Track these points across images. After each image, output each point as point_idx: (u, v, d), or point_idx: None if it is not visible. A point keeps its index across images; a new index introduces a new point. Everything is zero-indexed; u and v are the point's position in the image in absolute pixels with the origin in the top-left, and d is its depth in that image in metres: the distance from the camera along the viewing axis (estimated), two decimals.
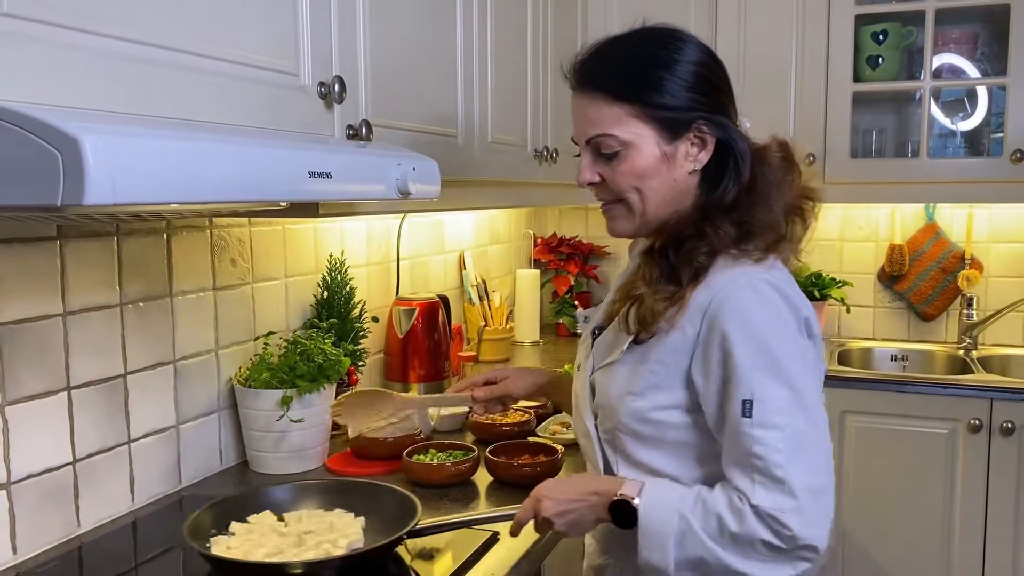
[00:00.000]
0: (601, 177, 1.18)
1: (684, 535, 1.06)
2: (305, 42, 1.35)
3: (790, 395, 1.05)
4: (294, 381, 1.67)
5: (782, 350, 1.07)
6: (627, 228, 1.21)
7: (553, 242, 3.35)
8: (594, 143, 1.17)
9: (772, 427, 1.04)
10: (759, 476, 1.04)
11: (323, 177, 1.06)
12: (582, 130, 1.18)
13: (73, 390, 1.41)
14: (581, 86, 1.18)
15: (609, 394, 1.19)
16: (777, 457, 1.03)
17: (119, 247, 1.49)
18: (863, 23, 2.79)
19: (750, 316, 1.08)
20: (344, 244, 2.13)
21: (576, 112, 1.19)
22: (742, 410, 1.05)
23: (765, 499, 1.03)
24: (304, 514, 1.40)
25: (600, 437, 1.23)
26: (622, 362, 1.18)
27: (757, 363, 1.06)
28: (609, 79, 1.15)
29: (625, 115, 1.14)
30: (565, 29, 2.57)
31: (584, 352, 1.31)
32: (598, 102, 1.15)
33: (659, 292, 1.13)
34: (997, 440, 2.47)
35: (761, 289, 1.09)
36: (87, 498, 1.44)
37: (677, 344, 1.12)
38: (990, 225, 3.01)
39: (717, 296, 1.09)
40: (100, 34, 0.97)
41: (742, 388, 1.05)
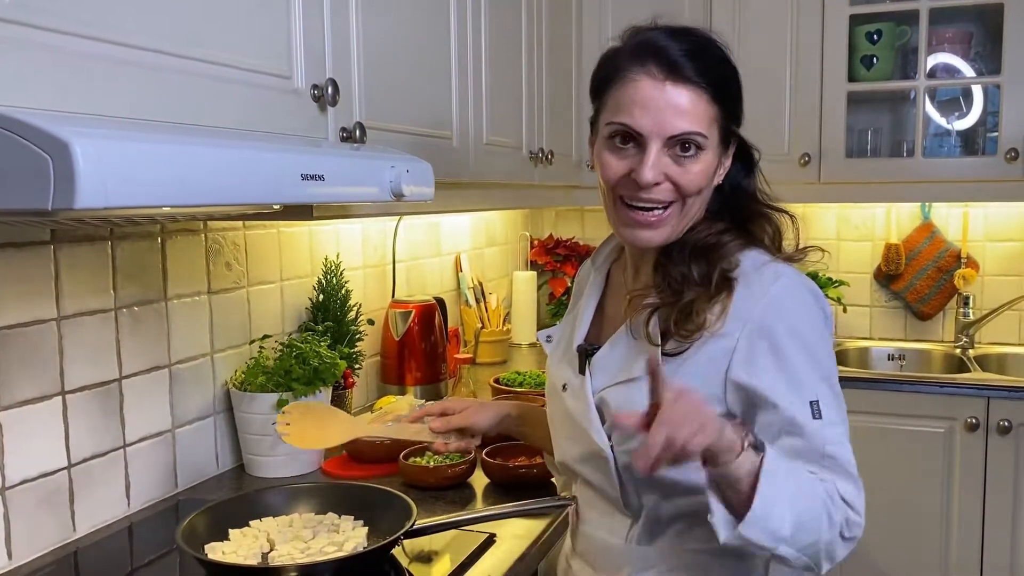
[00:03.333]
0: (665, 177, 1.08)
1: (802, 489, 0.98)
2: (298, 45, 1.35)
3: (833, 395, 1.06)
4: (290, 384, 1.67)
5: (823, 352, 1.08)
6: (666, 234, 1.12)
7: (549, 244, 3.35)
8: (681, 140, 1.07)
9: (837, 423, 1.05)
10: (831, 474, 1.02)
11: (316, 180, 1.06)
12: (668, 123, 1.06)
13: (68, 395, 1.41)
14: (684, 79, 1.06)
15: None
16: (848, 455, 1.04)
17: (113, 251, 1.49)
18: (857, 23, 2.79)
19: (798, 321, 1.06)
20: (339, 247, 2.12)
21: (660, 100, 1.06)
22: (812, 412, 1.03)
23: (845, 490, 1.02)
24: (300, 517, 1.40)
25: (618, 460, 1.13)
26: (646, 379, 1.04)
27: (811, 369, 1.05)
28: (713, 76, 1.08)
29: (715, 119, 1.09)
30: (560, 30, 2.57)
31: (569, 370, 1.21)
32: (700, 98, 1.07)
33: (697, 299, 1.07)
34: (994, 439, 2.48)
35: (801, 293, 1.09)
36: (82, 503, 1.44)
37: (714, 353, 1.06)
38: (986, 224, 3.02)
39: (761, 303, 1.06)
40: (91, 38, 0.96)
41: (806, 391, 1.04)
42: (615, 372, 1.14)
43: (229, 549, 1.28)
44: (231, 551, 1.28)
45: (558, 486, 1.55)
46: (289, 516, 1.40)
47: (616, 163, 1.10)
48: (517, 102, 2.27)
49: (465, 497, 1.61)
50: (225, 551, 1.27)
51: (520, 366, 2.70)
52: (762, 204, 1.18)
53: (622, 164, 1.09)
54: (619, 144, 1.09)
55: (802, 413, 1.03)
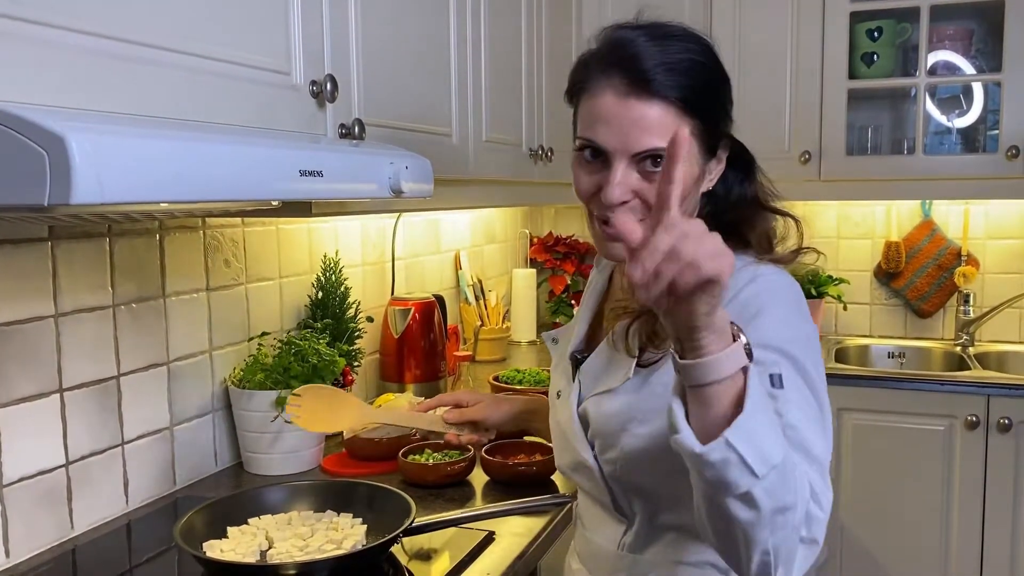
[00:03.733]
0: (634, 195, 1.01)
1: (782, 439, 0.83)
2: (297, 40, 1.34)
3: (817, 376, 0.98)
4: (288, 382, 1.66)
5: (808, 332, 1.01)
6: None
7: (549, 241, 3.34)
8: (645, 156, 0.99)
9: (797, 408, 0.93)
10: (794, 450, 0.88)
11: (314, 176, 1.05)
12: (633, 139, 0.98)
13: (66, 392, 1.41)
14: (650, 91, 0.98)
15: (610, 423, 1.08)
16: (813, 437, 0.92)
17: (111, 248, 1.48)
18: (858, 20, 2.79)
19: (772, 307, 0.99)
20: (339, 244, 2.12)
21: (625, 117, 0.99)
22: (772, 381, 0.92)
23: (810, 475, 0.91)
24: (299, 515, 1.40)
25: (603, 469, 1.11)
26: (624, 388, 1.06)
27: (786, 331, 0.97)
28: (682, 88, 0.98)
29: (689, 131, 1.00)
30: (560, 26, 2.57)
31: (562, 377, 1.20)
32: (665, 111, 0.98)
33: None
34: (994, 436, 2.47)
35: (776, 289, 1.02)
36: (80, 500, 1.44)
37: None
38: (986, 221, 3.02)
39: (732, 304, 0.98)
40: (87, 32, 0.96)
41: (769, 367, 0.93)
42: (595, 382, 1.12)
43: (227, 547, 1.28)
44: (229, 549, 1.27)
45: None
46: (288, 514, 1.40)
47: (586, 179, 1.04)
48: (517, 99, 2.26)
49: (464, 495, 1.60)
50: (223, 549, 1.27)
51: (519, 364, 2.69)
52: (762, 207, 1.11)
53: (591, 180, 1.04)
54: (588, 158, 1.04)
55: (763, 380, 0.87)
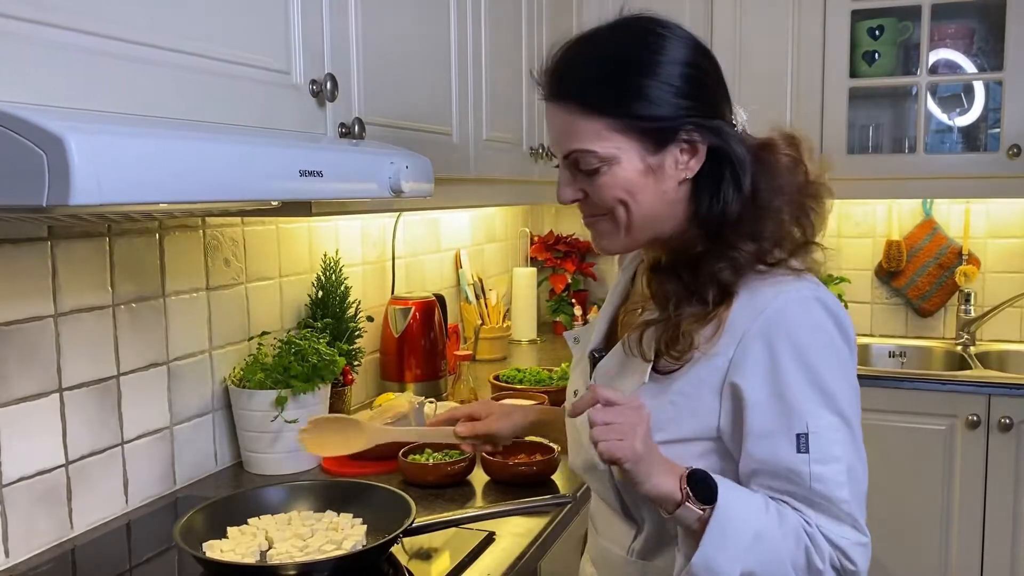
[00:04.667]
0: (585, 193, 1.05)
1: (761, 539, 0.94)
2: (296, 39, 1.34)
3: (841, 423, 0.97)
4: (288, 381, 1.66)
5: (834, 378, 0.98)
6: (615, 245, 1.08)
7: (550, 240, 3.34)
8: (572, 158, 1.03)
9: (832, 460, 0.96)
10: (821, 512, 0.96)
11: (314, 176, 1.05)
12: (558, 143, 1.05)
13: (65, 392, 1.40)
14: (553, 96, 1.04)
15: None
16: (841, 493, 0.96)
17: (111, 247, 1.48)
18: (859, 18, 2.78)
19: (802, 343, 0.97)
20: (339, 243, 2.12)
21: (549, 123, 1.06)
22: (797, 446, 0.95)
23: (832, 531, 0.96)
24: (299, 515, 1.39)
25: (613, 474, 1.08)
26: (638, 393, 1.04)
27: (808, 392, 0.96)
28: (584, 89, 1.01)
29: (604, 129, 1.00)
30: (560, 24, 2.56)
31: (580, 377, 1.18)
32: (573, 115, 1.01)
33: (690, 315, 1.00)
34: (995, 436, 2.47)
35: (812, 309, 0.99)
36: (80, 500, 1.44)
37: (703, 374, 1.01)
38: (987, 220, 3.01)
39: (761, 318, 0.97)
40: (86, 32, 0.96)
41: (795, 421, 0.96)
42: (610, 384, 1.09)
43: (227, 547, 1.28)
44: (229, 549, 1.27)
45: None
46: (287, 514, 1.40)
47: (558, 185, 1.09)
48: (517, 98, 2.26)
49: (465, 495, 1.60)
50: (223, 549, 1.27)
51: (520, 363, 2.69)
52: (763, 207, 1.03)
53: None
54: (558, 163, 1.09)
55: (787, 447, 0.96)
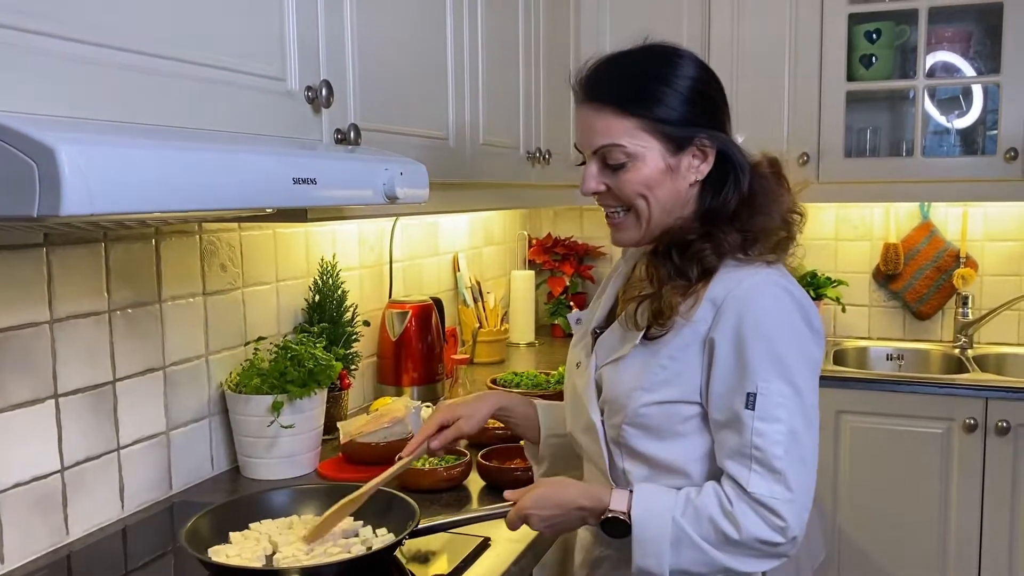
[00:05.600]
0: (607, 187, 1.21)
1: (680, 541, 1.11)
2: (292, 46, 1.34)
3: (792, 393, 1.11)
4: (285, 387, 1.66)
5: (790, 353, 1.12)
6: (633, 236, 1.23)
7: (548, 243, 3.34)
8: (601, 153, 1.19)
9: (774, 420, 1.10)
10: (757, 466, 1.09)
11: (308, 183, 1.05)
12: (589, 140, 1.21)
13: (61, 398, 1.40)
14: (589, 98, 1.20)
15: (618, 389, 1.21)
16: (776, 449, 1.09)
17: (107, 253, 1.48)
18: (856, 22, 2.78)
19: (763, 316, 1.12)
20: (336, 247, 2.12)
21: (583, 123, 1.22)
22: (746, 402, 1.10)
23: (762, 488, 1.09)
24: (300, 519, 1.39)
25: (606, 432, 1.24)
26: (632, 356, 1.20)
27: (764, 361, 1.10)
28: (617, 92, 1.18)
29: (633, 127, 1.17)
30: (557, 29, 2.57)
31: (583, 351, 1.33)
32: (606, 114, 1.18)
33: (673, 287, 1.17)
34: (992, 440, 2.47)
35: (775, 293, 1.14)
36: (76, 506, 1.44)
37: (688, 339, 1.16)
38: (985, 223, 3.01)
39: (732, 293, 1.13)
40: (78, 40, 0.95)
41: (748, 382, 1.11)
42: (609, 352, 1.26)
43: (232, 552, 1.27)
44: (235, 554, 1.27)
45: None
46: (289, 518, 1.40)
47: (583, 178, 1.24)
48: (514, 102, 2.26)
49: (461, 500, 1.60)
50: (229, 554, 1.26)
51: (518, 366, 2.69)
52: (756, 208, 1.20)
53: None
54: (582, 161, 1.25)
55: (738, 402, 1.11)
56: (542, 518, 1.20)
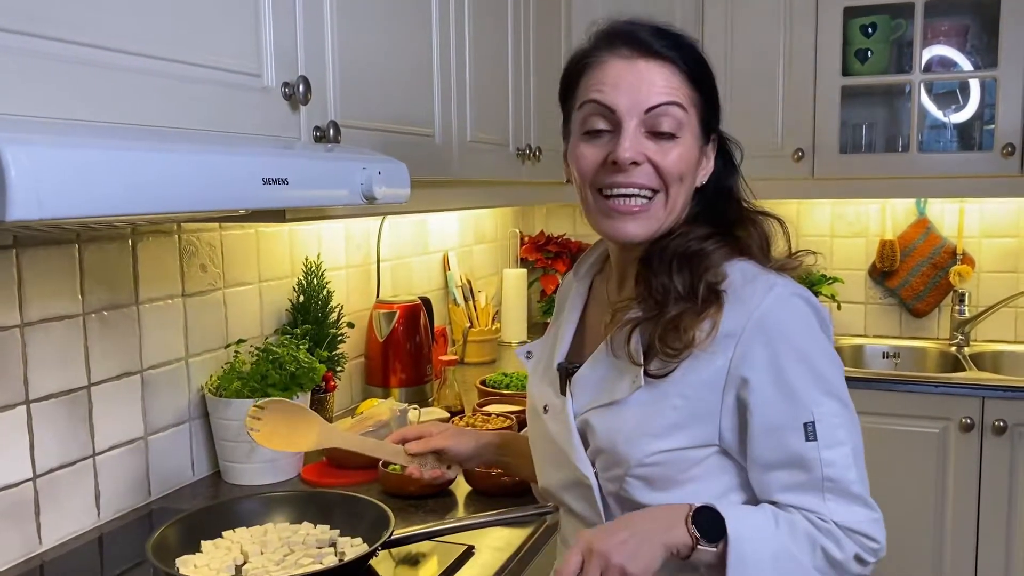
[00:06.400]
0: (646, 159, 1.02)
1: (779, 558, 0.95)
2: (268, 41, 1.30)
3: (841, 407, 1.00)
4: (266, 390, 1.63)
5: (825, 365, 1.01)
6: (652, 228, 1.05)
7: (540, 240, 3.30)
8: (654, 114, 1.01)
9: (838, 444, 0.98)
10: (832, 495, 0.98)
11: (279, 184, 1.01)
12: (643, 96, 1.01)
13: (33, 403, 1.37)
14: (655, 54, 1.02)
15: (616, 437, 1.02)
16: (850, 475, 0.98)
17: (81, 255, 1.44)
18: (852, 16, 2.75)
19: (794, 337, 1.00)
20: (321, 246, 2.08)
21: (634, 77, 1.01)
22: (805, 435, 0.97)
23: (845, 515, 0.98)
24: (275, 527, 1.36)
25: (601, 486, 1.06)
26: (632, 400, 1.02)
27: (810, 384, 0.99)
28: (684, 56, 1.03)
29: (692, 100, 1.03)
30: (548, 21, 2.52)
31: (549, 391, 1.14)
32: (671, 72, 1.02)
33: (684, 310, 1.00)
34: (989, 439, 2.44)
35: (796, 305, 1.02)
36: (49, 514, 1.40)
37: (704, 375, 1.00)
38: (982, 220, 2.98)
39: (753, 318, 0.99)
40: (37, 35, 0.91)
41: (801, 412, 0.98)
42: (596, 393, 1.07)
43: (201, 562, 1.25)
44: (204, 564, 1.24)
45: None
46: (263, 526, 1.37)
47: (591, 152, 1.04)
48: (503, 97, 2.22)
49: (446, 506, 1.56)
50: (197, 564, 1.24)
51: (508, 366, 2.65)
52: (746, 209, 1.11)
53: (598, 152, 1.04)
54: (593, 133, 1.04)
55: (796, 437, 0.98)
56: (609, 544, 0.93)
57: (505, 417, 1.90)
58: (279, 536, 1.32)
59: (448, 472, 1.32)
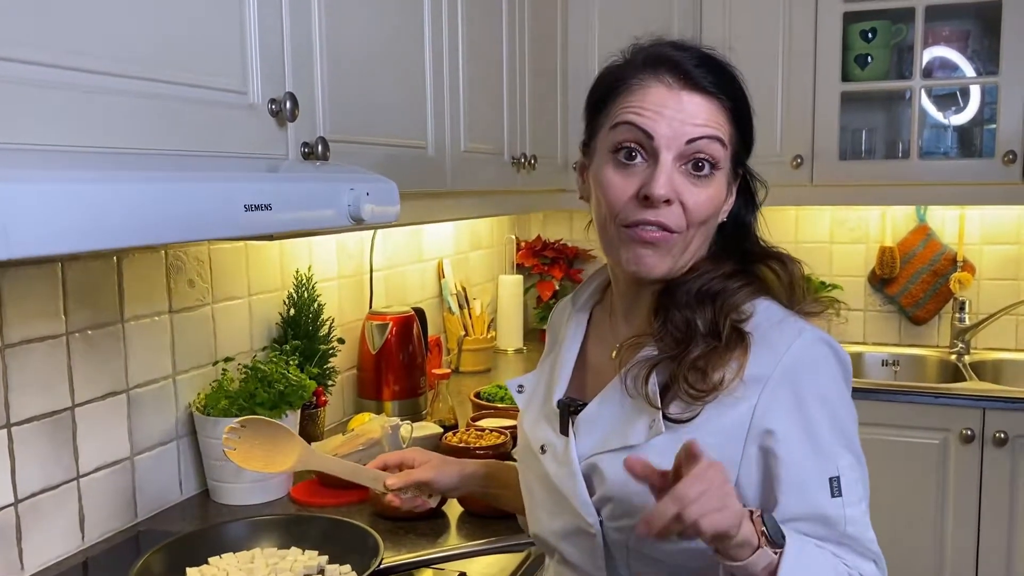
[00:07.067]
0: (676, 195, 0.97)
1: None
2: (254, 57, 1.26)
3: (856, 462, 0.97)
4: (254, 409, 1.60)
5: (845, 414, 0.97)
6: (668, 266, 0.99)
7: (537, 246, 3.27)
8: (696, 147, 0.96)
9: (858, 500, 0.95)
10: (849, 552, 0.95)
11: (261, 209, 0.98)
12: (684, 129, 0.96)
13: (14, 427, 1.34)
14: (701, 88, 0.98)
15: (632, 486, 0.92)
16: (869, 534, 0.96)
17: (64, 274, 1.41)
18: (851, 21, 2.71)
19: (823, 387, 0.96)
20: (312, 258, 2.05)
21: (676, 108, 0.96)
22: (831, 491, 0.94)
23: (863, 568, 0.95)
24: (262, 552, 1.33)
25: (606, 535, 1.00)
26: (649, 447, 0.95)
27: (834, 437, 0.95)
28: (730, 93, 1.00)
29: (730, 137, 1.00)
30: (544, 30, 2.49)
31: (547, 430, 1.07)
32: (716, 108, 0.99)
33: (709, 353, 0.95)
34: (990, 450, 2.41)
35: (824, 354, 0.98)
36: (31, 539, 1.37)
37: (726, 422, 0.94)
38: (982, 227, 2.94)
39: (782, 364, 0.94)
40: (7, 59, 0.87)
41: (827, 466, 0.94)
42: (606, 435, 1.00)
43: None
44: None
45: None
46: (250, 551, 1.34)
47: (622, 183, 0.97)
48: (498, 107, 2.18)
49: (438, 528, 1.53)
50: None
51: (504, 375, 2.63)
52: (765, 247, 1.07)
53: (629, 183, 0.97)
54: (624, 160, 0.97)
55: (822, 493, 0.94)
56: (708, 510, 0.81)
57: (499, 433, 1.87)
58: (266, 562, 1.29)
59: (429, 501, 1.29)
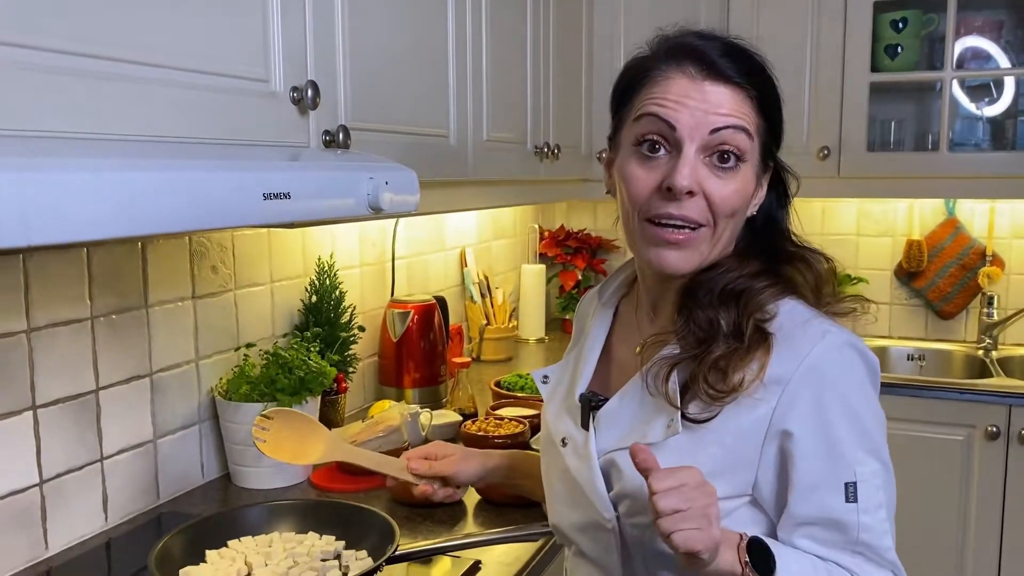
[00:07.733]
0: (700, 187, 0.95)
1: None
2: (276, 45, 1.27)
3: (882, 468, 0.95)
4: (274, 395, 1.61)
5: (872, 423, 0.95)
6: (694, 262, 0.98)
7: (560, 235, 3.27)
8: (720, 136, 0.95)
9: (877, 507, 0.94)
10: (864, 560, 0.94)
11: (280, 198, 0.99)
12: (707, 119, 0.95)
13: (39, 408, 1.36)
14: (725, 78, 0.96)
15: None
16: (886, 541, 0.94)
17: (89, 259, 1.43)
18: (881, 10, 2.67)
19: (845, 390, 0.94)
20: (335, 246, 2.06)
21: (699, 99, 0.95)
22: (846, 495, 0.92)
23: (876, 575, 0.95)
24: (280, 537, 1.35)
25: (622, 530, 0.99)
26: (666, 446, 0.95)
27: (855, 442, 0.93)
28: (756, 82, 0.98)
29: (758, 127, 0.98)
30: (569, 17, 2.48)
31: (569, 422, 1.06)
32: (741, 98, 0.97)
33: (731, 351, 0.94)
34: (1015, 448, 2.38)
35: (849, 357, 0.96)
36: (56, 519, 1.40)
37: (745, 423, 0.94)
38: (1012, 220, 2.90)
39: (804, 365, 0.93)
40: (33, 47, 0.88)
41: (844, 471, 0.93)
42: (625, 432, 1.00)
43: (206, 573, 1.24)
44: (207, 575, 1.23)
45: None
46: (269, 535, 1.35)
47: (645, 175, 0.97)
48: (521, 95, 2.18)
49: (455, 516, 1.54)
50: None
51: (525, 365, 2.63)
52: (793, 244, 1.04)
53: (652, 176, 0.96)
54: (647, 152, 0.97)
55: (836, 497, 0.93)
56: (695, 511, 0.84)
57: (518, 422, 1.88)
58: (284, 546, 1.31)
59: (457, 492, 1.29)
